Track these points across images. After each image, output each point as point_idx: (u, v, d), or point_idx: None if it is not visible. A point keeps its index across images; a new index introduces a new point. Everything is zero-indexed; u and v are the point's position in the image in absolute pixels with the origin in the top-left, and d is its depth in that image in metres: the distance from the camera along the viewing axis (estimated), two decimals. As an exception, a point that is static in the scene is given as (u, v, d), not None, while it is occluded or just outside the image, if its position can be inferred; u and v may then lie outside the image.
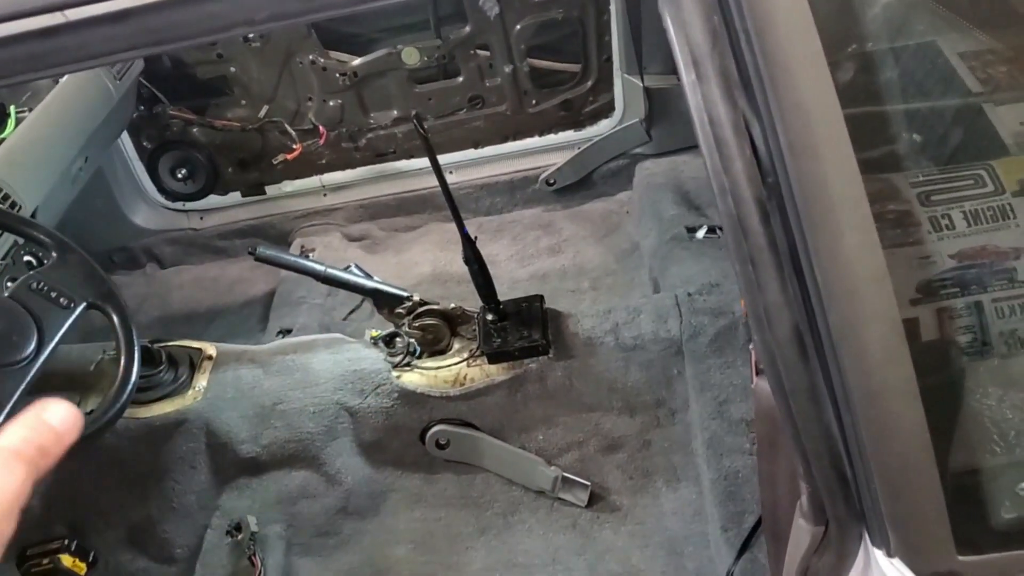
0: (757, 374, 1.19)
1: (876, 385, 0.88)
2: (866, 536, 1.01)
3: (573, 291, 2.81)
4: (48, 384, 2.24)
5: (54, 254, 1.76)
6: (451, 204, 2.10)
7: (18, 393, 1.55)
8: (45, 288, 1.70)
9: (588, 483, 2.20)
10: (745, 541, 1.88)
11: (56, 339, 1.66)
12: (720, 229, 2.58)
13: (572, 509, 2.22)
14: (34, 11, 0.90)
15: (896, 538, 0.95)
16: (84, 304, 1.72)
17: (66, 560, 2.16)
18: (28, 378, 1.58)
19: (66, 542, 2.18)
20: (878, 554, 0.98)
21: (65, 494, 2.24)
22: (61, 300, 1.70)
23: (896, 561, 0.96)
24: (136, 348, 1.76)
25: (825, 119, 0.84)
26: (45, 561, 2.16)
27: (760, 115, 0.89)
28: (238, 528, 2.19)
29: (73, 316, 1.70)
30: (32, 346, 1.61)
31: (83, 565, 2.18)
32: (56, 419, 0.59)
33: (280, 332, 2.76)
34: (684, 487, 2.18)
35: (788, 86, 0.84)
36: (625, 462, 2.25)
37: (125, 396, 1.71)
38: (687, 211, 2.73)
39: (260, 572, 2.11)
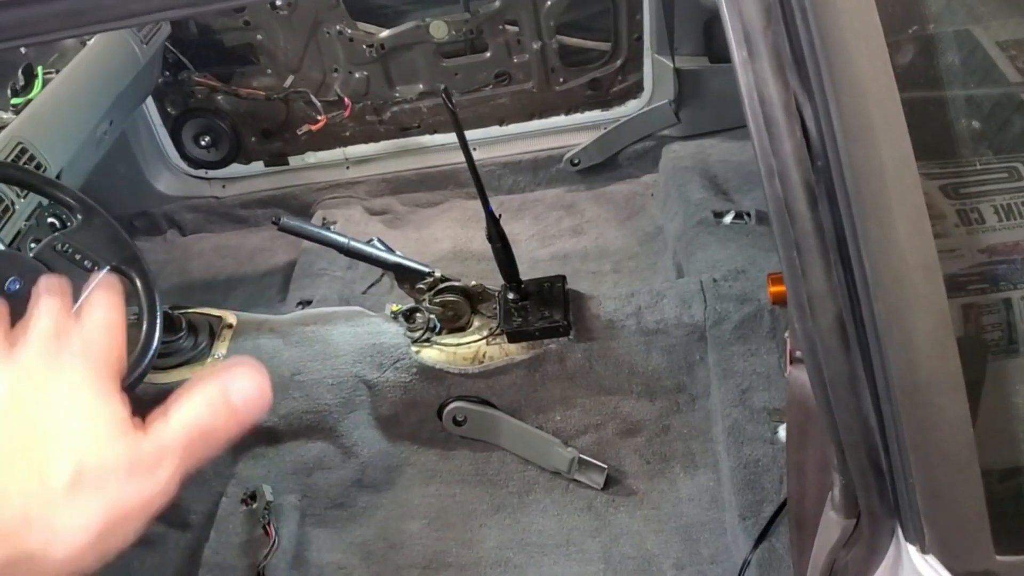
0: (791, 363, 1.17)
1: (922, 377, 0.86)
2: (899, 531, 0.99)
3: (594, 273, 2.79)
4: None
5: (79, 217, 1.75)
6: (477, 181, 2.08)
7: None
8: (69, 250, 1.70)
9: (605, 466, 2.19)
10: (764, 530, 1.87)
11: (79, 301, 1.65)
12: (748, 215, 2.56)
13: (588, 491, 2.21)
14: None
15: (932, 534, 0.93)
16: (108, 267, 1.71)
17: (81, 522, 2.17)
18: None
19: (82, 504, 2.19)
20: (911, 550, 0.96)
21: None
22: (85, 262, 1.70)
23: (930, 558, 0.94)
24: (159, 314, 1.75)
25: (882, 101, 0.81)
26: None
27: (812, 96, 0.86)
28: (253, 497, 2.19)
29: (96, 279, 1.69)
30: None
31: (98, 528, 2.19)
32: (241, 396, 0.54)
33: (300, 303, 2.75)
34: (702, 474, 2.16)
35: (845, 65, 0.81)
36: (643, 446, 2.23)
37: (147, 361, 1.71)
38: (714, 195, 2.70)
39: (274, 541, 2.12)
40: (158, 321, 1.73)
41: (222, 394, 0.55)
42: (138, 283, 1.74)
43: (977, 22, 1.22)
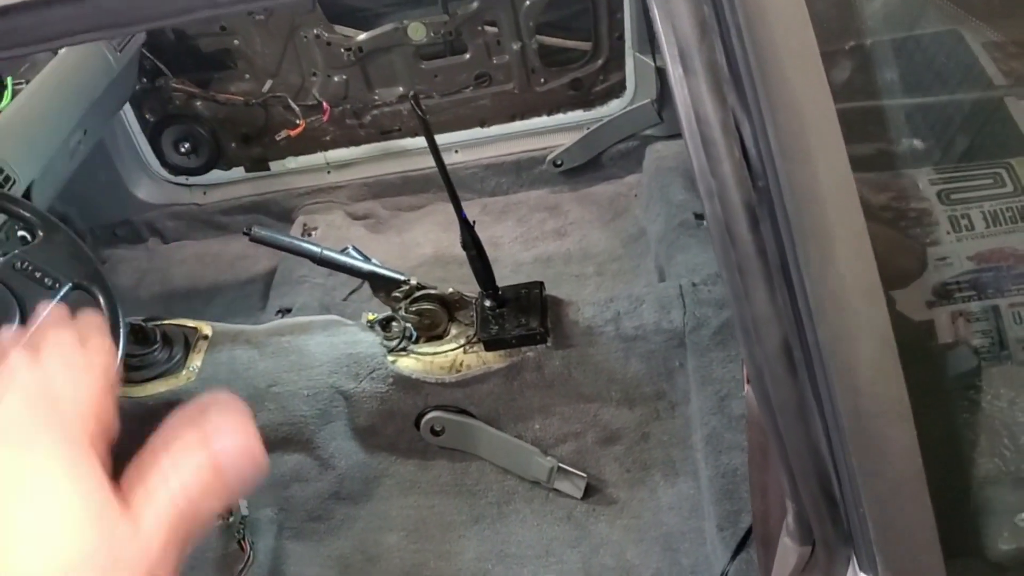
0: (748, 382, 1.14)
1: (866, 405, 0.83)
2: (854, 560, 0.96)
3: (577, 276, 2.76)
4: (42, 360, 2.24)
5: (40, 233, 1.72)
6: (449, 186, 2.05)
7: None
8: (29, 268, 1.67)
9: (584, 475, 2.16)
10: (741, 541, 1.84)
11: (39, 320, 1.62)
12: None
13: (567, 501, 2.18)
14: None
15: (884, 566, 0.90)
16: (69, 284, 1.69)
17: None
18: (8, 360, 1.54)
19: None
20: (866, 579, 0.93)
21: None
22: (46, 280, 1.67)
23: (884, 588, 0.91)
24: (122, 331, 1.73)
25: (818, 120, 0.78)
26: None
27: (751, 114, 0.83)
28: (229, 512, 2.16)
29: (58, 297, 1.66)
30: (14, 327, 1.58)
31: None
32: (231, 462, 0.48)
33: (280, 311, 2.72)
34: (682, 482, 2.13)
35: (779, 83, 0.78)
36: (623, 454, 2.20)
37: (109, 380, 1.68)
38: (696, 197, 2.65)
39: (249, 557, 2.09)
40: (121, 339, 1.71)
41: (211, 463, 0.49)
42: (101, 299, 1.72)
43: (955, 23, 1.19)
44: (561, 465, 2.17)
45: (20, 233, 2.11)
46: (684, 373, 2.19)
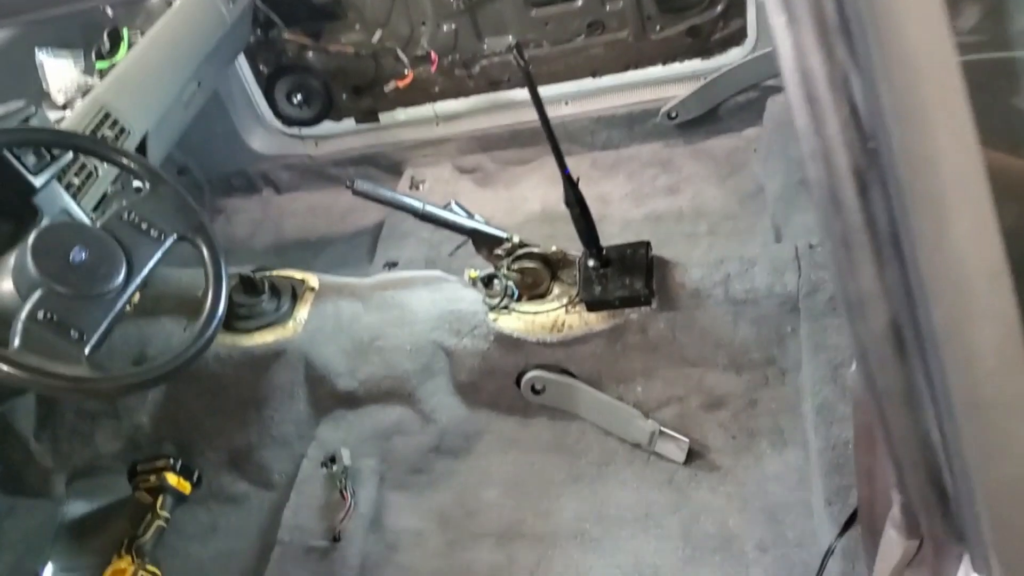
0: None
1: (985, 396, 0.74)
2: (966, 558, 0.88)
3: (689, 235, 2.66)
4: (159, 307, 2.32)
5: (146, 185, 1.76)
6: (552, 141, 1.99)
7: (106, 322, 1.56)
8: (136, 219, 1.70)
9: (686, 439, 2.09)
10: (849, 518, 1.74)
11: (145, 270, 1.66)
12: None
13: (669, 465, 2.12)
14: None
15: (1002, 569, 0.81)
16: (174, 236, 1.72)
17: (171, 478, 2.24)
18: (116, 309, 1.58)
19: (172, 461, 2.26)
20: (979, 581, 0.85)
21: (172, 415, 2.32)
22: (152, 232, 1.70)
23: (1001, 594, 0.82)
24: (224, 282, 1.75)
25: (938, 75, 0.69)
26: (152, 477, 2.25)
27: (863, 68, 0.74)
28: (332, 460, 2.21)
29: (163, 248, 1.70)
30: (121, 277, 1.62)
31: (188, 484, 2.26)
32: None
33: (386, 264, 2.74)
34: (790, 451, 2.04)
35: (894, 34, 0.69)
36: (728, 420, 2.12)
37: (211, 330, 1.70)
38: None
39: (350, 506, 2.13)
40: (223, 291, 1.73)
41: None
42: (204, 251, 1.74)
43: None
44: (663, 429, 2.11)
45: (135, 184, 2.18)
46: (796, 339, 2.08)
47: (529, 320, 2.18)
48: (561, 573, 2.00)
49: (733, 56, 2.88)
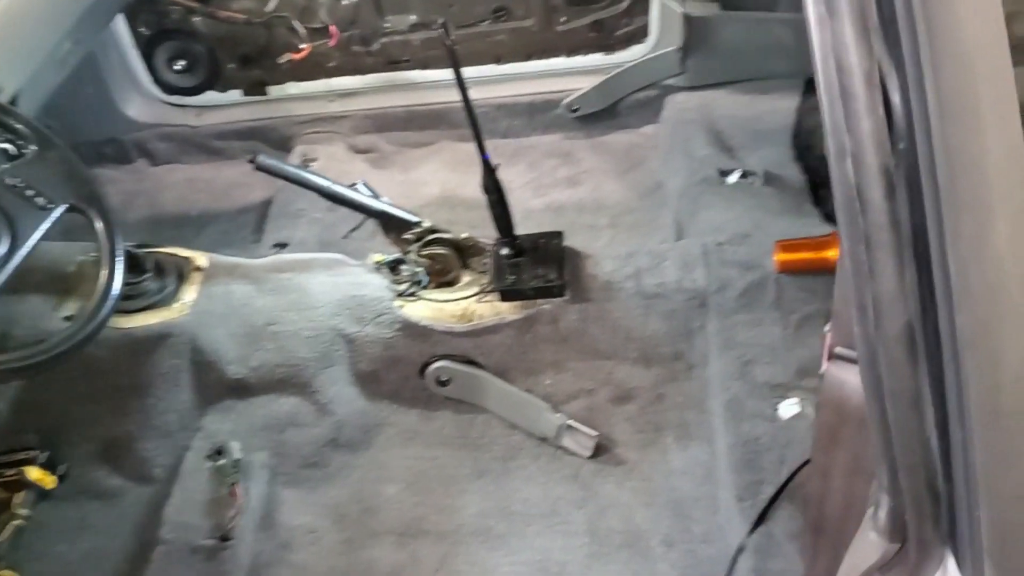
0: (829, 359, 1.05)
1: (1008, 403, 0.73)
2: (948, 562, 0.88)
3: (590, 227, 2.65)
4: (26, 282, 2.10)
5: (33, 147, 1.58)
6: (474, 125, 1.93)
7: (-15, 301, 1.39)
8: (21, 185, 1.53)
9: (595, 433, 2.08)
10: (762, 513, 1.77)
11: (31, 242, 1.50)
12: (755, 175, 2.42)
13: (575, 459, 2.10)
14: None
15: (994, 572, 0.82)
16: (64, 206, 1.56)
17: (32, 473, 2.03)
18: (-1, 282, 1.42)
19: (36, 453, 2.06)
20: (963, 583, 0.85)
21: (36, 401, 2.11)
22: (38, 200, 1.54)
23: (988, 597, 0.83)
24: (120, 259, 1.60)
25: (993, 77, 0.67)
26: (10, 472, 2.04)
27: (901, 66, 0.72)
28: (220, 452, 2.07)
29: (51, 219, 1.53)
30: (4, 249, 1.45)
31: (52, 479, 2.06)
32: None
33: (275, 245, 2.59)
34: (695, 446, 2.06)
35: (949, 30, 0.67)
36: (635, 414, 2.12)
37: (106, 310, 1.56)
38: (719, 152, 2.55)
39: (241, 502, 2.00)
40: (119, 267, 1.58)
41: None
42: (98, 224, 1.59)
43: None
44: (571, 422, 2.08)
45: (3, 145, 1.96)
46: (704, 335, 2.10)
47: (438, 308, 2.11)
48: (465, 571, 1.94)
49: (635, 53, 2.90)
